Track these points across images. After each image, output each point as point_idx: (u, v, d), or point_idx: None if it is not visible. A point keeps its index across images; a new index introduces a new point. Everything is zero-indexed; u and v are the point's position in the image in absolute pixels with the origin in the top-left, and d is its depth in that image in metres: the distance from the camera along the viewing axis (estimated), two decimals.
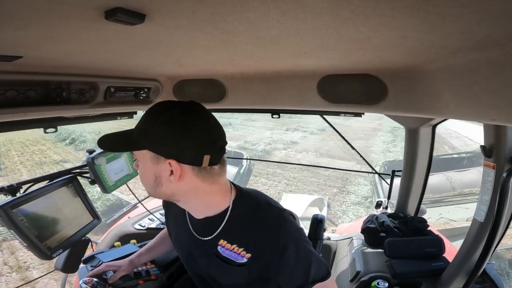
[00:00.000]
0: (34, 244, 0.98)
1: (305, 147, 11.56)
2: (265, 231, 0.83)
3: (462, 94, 0.76)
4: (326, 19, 0.44)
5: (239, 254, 0.85)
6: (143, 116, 0.80)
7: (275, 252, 0.82)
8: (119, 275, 1.08)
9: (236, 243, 0.85)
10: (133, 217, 1.98)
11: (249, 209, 0.87)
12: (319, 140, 12.73)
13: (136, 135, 0.78)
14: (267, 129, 14.24)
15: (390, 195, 1.90)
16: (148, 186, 0.83)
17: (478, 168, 6.50)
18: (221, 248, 0.87)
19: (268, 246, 0.82)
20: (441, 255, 1.34)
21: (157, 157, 0.76)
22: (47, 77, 0.89)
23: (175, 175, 0.76)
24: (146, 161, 0.78)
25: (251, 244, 0.84)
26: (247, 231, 0.84)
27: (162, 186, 0.79)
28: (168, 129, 0.74)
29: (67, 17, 0.42)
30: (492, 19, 0.40)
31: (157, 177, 0.78)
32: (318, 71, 1.13)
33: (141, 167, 0.81)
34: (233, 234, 0.86)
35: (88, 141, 10.62)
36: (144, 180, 0.83)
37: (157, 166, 0.77)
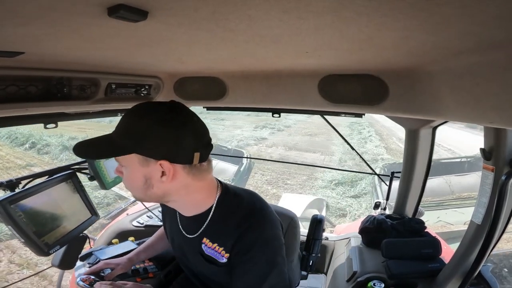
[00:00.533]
0: (31, 240, 0.97)
1: (274, 142, 12.64)
2: (241, 229, 0.82)
3: (463, 96, 0.76)
4: (328, 19, 0.44)
5: (220, 253, 0.84)
6: (124, 118, 0.76)
7: (244, 247, 0.81)
8: (117, 273, 1.09)
9: (217, 242, 0.85)
10: (131, 214, 1.98)
11: (231, 208, 0.86)
12: (286, 135, 14.10)
13: (121, 138, 0.74)
14: (236, 127, 14.89)
15: (388, 196, 1.90)
16: (136, 190, 0.80)
17: (475, 173, 6.52)
18: (205, 247, 0.87)
19: (240, 240, 0.81)
20: (438, 256, 1.34)
21: (146, 159, 0.73)
22: (48, 72, 0.88)
23: (168, 175, 0.74)
24: (133, 165, 0.75)
25: (228, 243, 0.83)
26: (227, 230, 0.83)
27: (153, 188, 0.77)
28: (157, 130, 0.72)
29: (69, 13, 0.41)
30: (494, 21, 0.40)
31: (147, 179, 0.76)
32: (319, 71, 1.13)
33: (128, 172, 0.77)
34: (215, 233, 0.86)
35: (53, 145, 10.31)
36: (132, 184, 0.80)
37: (147, 168, 0.74)
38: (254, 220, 0.83)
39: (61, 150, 9.94)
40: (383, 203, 1.98)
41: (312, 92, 1.21)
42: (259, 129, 14.45)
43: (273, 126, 14.96)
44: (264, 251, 0.81)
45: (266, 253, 0.81)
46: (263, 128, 14.67)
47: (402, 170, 1.66)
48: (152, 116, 0.73)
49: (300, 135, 14.02)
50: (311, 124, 14.81)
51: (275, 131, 14.69)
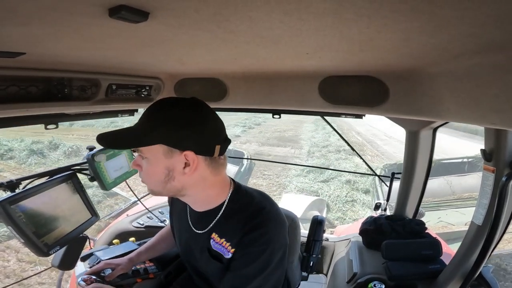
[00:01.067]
0: (31, 241, 0.97)
1: (247, 139, 13.57)
2: (249, 226, 0.83)
3: (464, 98, 0.76)
4: (329, 20, 0.44)
5: (226, 249, 0.86)
6: (149, 112, 0.79)
7: (247, 241, 0.82)
8: (117, 273, 1.09)
9: (224, 237, 0.86)
10: (132, 214, 1.98)
11: (242, 205, 0.88)
12: (257, 132, 15.21)
13: (147, 130, 0.76)
14: None
15: (389, 197, 1.90)
16: (155, 183, 0.81)
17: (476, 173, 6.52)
18: (213, 242, 0.88)
19: (243, 239, 0.82)
20: (438, 257, 1.34)
21: (171, 151, 0.76)
22: (49, 73, 0.89)
23: (191, 166, 0.77)
24: (157, 156, 0.77)
25: (235, 239, 0.84)
26: (235, 226, 0.85)
27: (173, 180, 0.79)
28: (184, 122, 0.75)
29: (70, 14, 0.42)
30: (495, 23, 0.40)
31: (169, 171, 0.78)
32: (319, 72, 1.13)
33: (150, 164, 0.78)
34: (224, 228, 0.87)
35: (16, 150, 9.96)
36: (152, 177, 0.80)
37: (171, 159, 0.76)
38: (261, 219, 0.84)
39: (28, 155, 9.69)
40: (384, 204, 1.98)
41: (313, 93, 1.21)
42: (231, 127, 14.83)
43: (244, 124, 15.93)
44: (264, 250, 0.81)
45: (267, 251, 0.81)
46: (235, 126, 15.33)
47: (402, 171, 1.66)
48: (178, 108, 0.77)
49: (270, 131, 15.14)
50: (280, 121, 15.86)
51: (246, 128, 15.64)
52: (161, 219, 1.89)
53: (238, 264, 0.83)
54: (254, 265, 0.81)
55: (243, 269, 0.82)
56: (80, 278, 1.02)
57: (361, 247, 1.58)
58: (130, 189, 1.64)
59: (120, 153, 1.43)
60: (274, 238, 0.83)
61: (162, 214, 1.97)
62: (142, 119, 0.79)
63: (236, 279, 0.82)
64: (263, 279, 0.81)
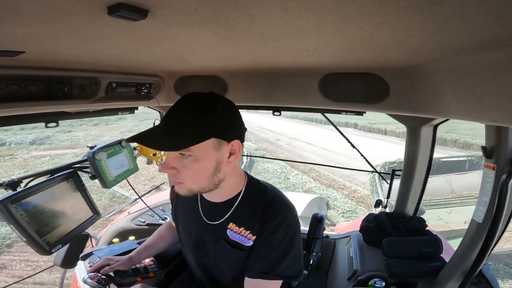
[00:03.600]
0: (33, 239, 0.97)
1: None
2: (267, 213, 0.87)
3: (464, 95, 0.76)
4: (329, 17, 0.44)
5: (246, 237, 0.89)
6: (189, 108, 0.77)
7: (269, 229, 0.86)
8: (115, 269, 1.08)
9: (243, 226, 0.90)
10: (133, 212, 1.98)
11: (257, 194, 0.92)
12: None
13: (198, 126, 0.75)
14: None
15: (389, 194, 1.90)
16: (202, 179, 0.81)
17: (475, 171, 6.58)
18: (230, 232, 0.91)
19: (266, 223, 0.87)
20: (439, 255, 1.34)
21: (219, 143, 0.78)
22: (49, 72, 0.89)
23: (237, 154, 0.82)
24: (208, 151, 0.78)
25: (256, 226, 0.88)
26: (254, 214, 0.89)
27: (220, 172, 0.82)
28: (226, 113, 0.79)
29: (70, 12, 0.41)
30: (496, 19, 0.40)
31: (218, 163, 0.80)
32: (320, 69, 1.13)
33: (198, 160, 0.77)
34: (242, 217, 0.90)
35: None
36: (200, 173, 0.80)
37: (220, 151, 0.79)
38: (278, 206, 0.89)
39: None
40: (384, 201, 1.98)
41: (313, 90, 1.20)
42: (116, 135, 14.98)
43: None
44: (287, 233, 0.87)
45: (288, 235, 0.87)
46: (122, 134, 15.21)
47: (403, 168, 1.66)
48: (216, 102, 0.78)
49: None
50: None
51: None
52: (162, 217, 1.89)
53: (264, 251, 0.87)
54: (280, 249, 0.86)
55: (270, 255, 0.87)
56: (87, 276, 1.02)
57: (361, 244, 1.59)
58: (131, 187, 1.64)
59: (121, 151, 1.43)
60: (292, 222, 0.88)
61: (163, 212, 1.97)
62: (183, 117, 0.77)
63: (265, 265, 0.87)
64: (289, 260, 0.87)
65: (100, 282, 1.01)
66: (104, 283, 1.02)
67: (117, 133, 14.27)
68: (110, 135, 13.80)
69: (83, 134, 13.66)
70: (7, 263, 4.67)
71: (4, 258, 4.82)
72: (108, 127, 14.95)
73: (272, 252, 0.86)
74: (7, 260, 4.76)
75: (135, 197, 2.05)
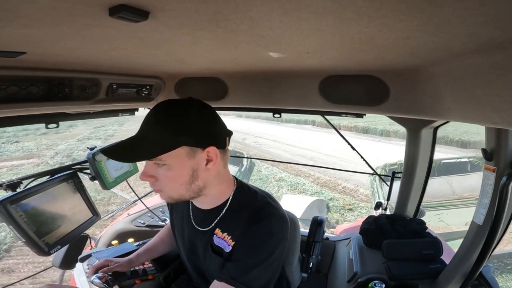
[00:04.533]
0: (32, 240, 0.98)
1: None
2: (252, 219, 0.85)
3: (465, 97, 0.76)
4: (329, 19, 0.44)
5: (227, 242, 0.87)
6: (160, 117, 0.77)
7: (248, 233, 0.84)
8: (113, 270, 1.08)
9: (227, 232, 0.88)
10: (132, 214, 1.98)
11: (246, 200, 0.90)
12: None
13: (167, 136, 0.74)
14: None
15: (389, 196, 1.89)
16: (179, 187, 0.80)
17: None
18: (215, 237, 0.90)
19: (245, 232, 0.84)
20: (439, 257, 1.34)
21: (193, 151, 0.77)
22: (50, 73, 0.89)
23: (214, 161, 0.80)
24: (180, 159, 0.76)
25: (237, 232, 0.86)
26: (239, 220, 0.87)
27: (197, 179, 0.81)
28: (201, 121, 0.77)
29: (71, 14, 0.42)
30: (496, 22, 0.40)
31: (194, 171, 0.79)
32: (320, 71, 1.13)
33: (172, 169, 0.77)
34: (227, 224, 0.89)
35: None
36: (176, 181, 0.79)
37: (194, 159, 0.78)
38: (264, 213, 0.86)
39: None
40: (384, 203, 1.98)
41: (313, 92, 1.21)
42: (90, 140, 14.81)
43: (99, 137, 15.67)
44: (266, 241, 0.83)
45: (266, 243, 0.83)
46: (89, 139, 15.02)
47: (403, 171, 1.66)
48: (189, 109, 0.77)
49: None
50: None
51: (108, 137, 15.72)
52: (162, 218, 1.89)
53: (239, 254, 0.85)
54: (256, 255, 0.83)
55: (244, 259, 0.83)
56: (95, 276, 1.03)
57: (361, 247, 1.58)
58: (131, 188, 1.64)
59: None
60: (276, 231, 0.85)
61: (163, 213, 1.97)
62: (152, 126, 0.77)
63: (235, 269, 0.83)
64: (262, 269, 0.83)
65: (107, 282, 1.02)
66: (111, 284, 1.03)
67: (74, 140, 14.00)
68: (67, 143, 13.49)
69: (33, 144, 13.31)
70: (13, 267, 4.67)
71: (8, 262, 4.82)
72: (59, 136, 14.69)
73: (247, 257, 0.83)
74: (12, 263, 4.76)
75: (134, 199, 2.04)
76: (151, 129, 0.77)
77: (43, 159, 10.80)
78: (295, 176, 9.76)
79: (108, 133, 15.85)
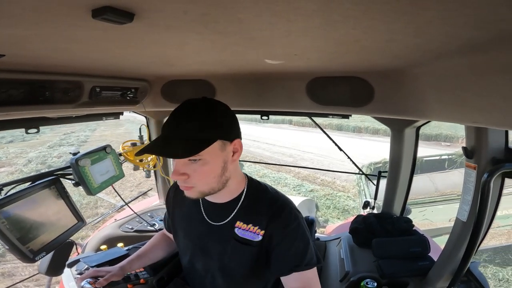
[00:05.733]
0: (15, 247, 0.95)
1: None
2: (273, 208, 0.92)
3: (446, 97, 0.78)
4: (316, 21, 0.45)
5: (255, 233, 0.92)
6: (190, 114, 0.80)
7: (280, 224, 0.91)
8: (110, 279, 1.05)
9: (251, 223, 0.93)
10: (120, 219, 1.93)
11: (259, 192, 0.97)
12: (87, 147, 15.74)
13: (203, 131, 0.79)
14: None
15: (376, 195, 1.93)
16: (212, 180, 0.85)
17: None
18: (238, 230, 0.94)
19: (274, 218, 0.91)
20: (427, 254, 1.37)
21: (224, 143, 0.83)
22: (30, 75, 0.86)
23: (239, 152, 0.87)
24: (215, 153, 0.82)
25: (263, 221, 0.92)
26: (259, 210, 0.93)
27: (227, 171, 0.86)
28: (226, 116, 0.84)
29: (52, 15, 0.40)
30: (475, 23, 0.41)
31: (225, 163, 0.85)
32: (307, 73, 1.14)
33: (206, 163, 0.82)
34: (248, 215, 0.94)
35: None
36: (209, 175, 0.84)
37: (225, 151, 0.84)
38: (282, 201, 0.95)
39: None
40: (372, 202, 2.01)
41: (300, 94, 1.22)
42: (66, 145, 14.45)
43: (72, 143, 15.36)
44: (299, 223, 0.92)
45: (300, 225, 0.92)
46: (68, 145, 14.64)
47: (388, 170, 1.70)
48: (215, 105, 0.84)
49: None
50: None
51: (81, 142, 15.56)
52: (151, 223, 1.85)
53: (283, 247, 0.91)
54: (298, 240, 0.91)
55: (291, 249, 0.90)
56: (84, 281, 1.01)
57: (352, 246, 1.60)
58: (117, 193, 1.60)
59: (106, 157, 1.39)
60: (297, 213, 0.94)
61: (151, 218, 1.94)
62: (185, 122, 0.80)
63: (291, 259, 0.90)
64: (309, 246, 0.92)
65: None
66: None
67: (44, 148, 13.35)
68: (37, 150, 12.86)
69: (1, 152, 12.62)
70: (13, 270, 4.52)
71: (6, 266, 4.63)
72: (26, 144, 13.95)
73: (291, 246, 0.90)
74: (10, 267, 4.60)
75: (121, 204, 2.00)
76: (186, 127, 0.80)
77: (16, 167, 10.39)
78: (277, 172, 10.25)
79: (80, 139, 15.41)
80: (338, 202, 7.98)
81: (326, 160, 10.92)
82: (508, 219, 5.28)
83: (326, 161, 10.93)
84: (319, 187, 9.02)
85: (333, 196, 8.33)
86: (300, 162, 11.41)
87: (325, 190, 8.74)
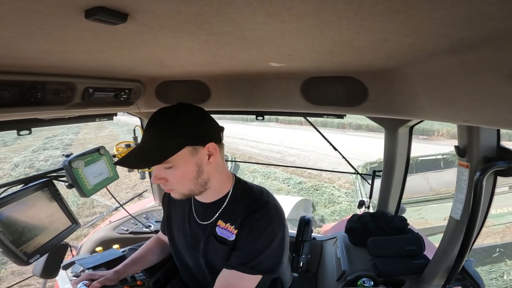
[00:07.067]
0: (9, 250, 0.94)
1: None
2: (250, 208, 0.94)
3: (438, 96, 0.79)
4: (310, 22, 0.45)
5: (231, 232, 0.94)
6: (158, 124, 0.85)
7: (250, 221, 0.92)
8: (103, 284, 1.03)
9: (229, 222, 0.95)
10: (114, 221, 1.92)
11: (245, 192, 0.99)
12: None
13: (169, 140, 0.82)
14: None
15: (371, 195, 1.94)
16: (188, 183, 0.88)
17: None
18: (218, 228, 0.97)
19: (248, 217, 0.93)
20: (422, 252, 1.38)
21: (195, 149, 0.85)
22: (21, 77, 0.84)
23: (215, 154, 0.88)
24: (185, 158, 0.84)
25: (239, 220, 0.94)
26: (239, 210, 0.95)
27: (203, 173, 0.89)
28: (197, 121, 0.86)
29: (44, 15, 0.40)
30: (466, 22, 0.42)
31: (199, 167, 0.87)
32: (301, 73, 1.15)
33: (179, 168, 0.85)
34: (229, 214, 0.96)
35: None
36: (185, 178, 0.87)
37: (197, 156, 0.86)
38: (262, 202, 0.96)
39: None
40: (367, 201, 2.02)
41: (295, 94, 1.22)
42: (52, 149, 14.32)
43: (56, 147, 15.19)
44: (268, 226, 0.91)
45: (269, 228, 0.91)
46: (54, 148, 14.50)
47: (383, 169, 1.71)
48: (182, 112, 0.86)
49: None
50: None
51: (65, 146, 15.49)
52: (146, 225, 1.84)
53: (244, 242, 0.92)
54: (259, 240, 0.91)
55: (249, 246, 0.91)
56: (81, 284, 1.01)
57: (348, 245, 1.61)
58: (111, 195, 1.59)
59: (99, 159, 1.38)
60: (275, 217, 0.93)
61: (146, 220, 1.92)
62: (153, 133, 0.85)
63: (242, 256, 0.91)
64: (268, 253, 0.91)
65: None
66: None
67: (28, 152, 13.16)
68: (21, 155, 12.71)
69: None
70: (22, 269, 4.45)
71: (14, 264, 4.59)
72: (8, 149, 13.81)
73: (251, 244, 0.91)
74: (12, 270, 4.63)
75: (116, 205, 1.98)
76: (153, 137, 0.84)
77: (3, 171, 10.34)
78: (267, 167, 10.91)
79: (65, 142, 15.27)
80: (325, 192, 8.82)
81: (312, 155, 11.55)
82: (502, 218, 5.36)
83: (312, 156, 11.58)
84: (306, 180, 9.70)
85: (320, 186, 9.15)
86: (287, 157, 12.16)
87: (312, 182, 9.45)
